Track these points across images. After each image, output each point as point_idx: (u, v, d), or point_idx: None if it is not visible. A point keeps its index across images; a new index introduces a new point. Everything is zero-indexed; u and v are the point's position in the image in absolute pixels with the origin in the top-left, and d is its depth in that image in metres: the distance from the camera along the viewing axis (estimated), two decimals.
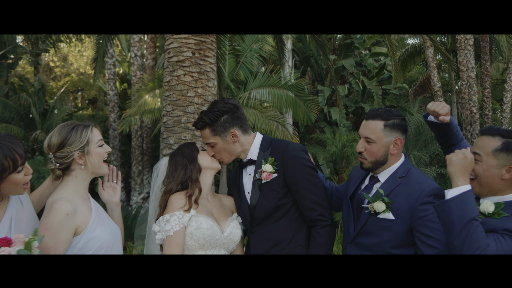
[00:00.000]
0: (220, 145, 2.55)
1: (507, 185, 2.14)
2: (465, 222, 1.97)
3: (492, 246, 1.96)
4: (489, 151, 2.13)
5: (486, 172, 2.14)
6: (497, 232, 2.03)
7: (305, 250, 2.52)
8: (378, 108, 2.56)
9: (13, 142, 2.13)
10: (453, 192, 2.05)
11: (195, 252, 2.37)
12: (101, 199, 2.50)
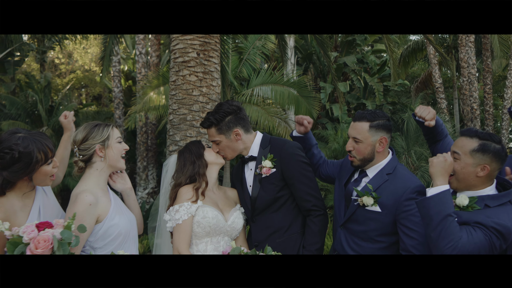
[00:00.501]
0: (224, 142, 2.83)
1: (481, 182, 2.40)
2: (441, 218, 2.23)
3: (464, 238, 2.22)
4: (467, 151, 2.38)
5: (464, 170, 2.40)
6: (470, 224, 2.29)
7: (300, 237, 2.81)
8: (364, 110, 2.83)
9: (44, 137, 2.42)
10: (432, 191, 2.31)
11: (202, 239, 2.66)
12: (116, 189, 2.78)
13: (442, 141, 2.87)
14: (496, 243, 2.24)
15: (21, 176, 2.34)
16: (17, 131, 2.41)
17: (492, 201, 2.34)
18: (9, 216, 2.28)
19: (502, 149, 2.35)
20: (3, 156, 2.29)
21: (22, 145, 2.30)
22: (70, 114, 3.06)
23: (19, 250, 1.95)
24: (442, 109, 16.36)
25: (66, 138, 2.99)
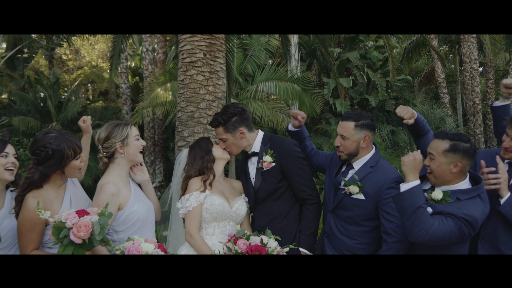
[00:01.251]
0: (230, 140, 3.21)
1: (455, 177, 2.76)
2: (414, 209, 2.60)
3: (436, 225, 2.59)
4: (440, 151, 2.74)
5: (439, 168, 2.76)
6: (443, 214, 2.66)
7: (297, 222, 3.19)
8: (352, 111, 3.21)
9: (72, 136, 2.80)
10: (405, 187, 2.68)
11: (210, 223, 3.04)
12: (136, 181, 3.17)
13: (425, 136, 3.23)
14: (465, 231, 2.61)
15: (54, 170, 2.73)
16: (49, 131, 2.79)
17: (463, 195, 2.71)
18: (46, 205, 2.67)
19: (470, 147, 2.71)
20: (38, 153, 2.68)
21: (54, 143, 2.69)
22: (88, 118, 3.44)
23: (63, 233, 2.33)
24: (445, 104, 16.66)
25: (86, 139, 3.37)
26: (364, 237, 3.02)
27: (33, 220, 2.58)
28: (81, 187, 3.03)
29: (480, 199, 2.71)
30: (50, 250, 2.69)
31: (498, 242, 2.94)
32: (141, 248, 2.40)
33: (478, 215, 2.63)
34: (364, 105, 16.52)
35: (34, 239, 2.64)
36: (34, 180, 2.69)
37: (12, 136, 15.02)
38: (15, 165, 2.97)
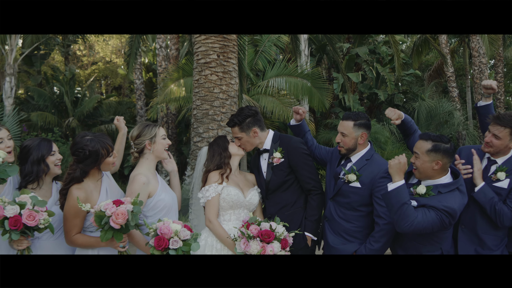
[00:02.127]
0: (245, 138, 3.67)
1: (437, 173, 3.19)
2: (399, 206, 3.04)
3: (419, 218, 3.03)
4: (424, 151, 3.17)
5: (422, 165, 3.19)
6: (426, 207, 3.10)
7: (303, 210, 3.65)
8: (351, 112, 3.67)
9: (105, 137, 3.27)
10: (391, 186, 3.11)
11: (227, 211, 3.49)
12: (166, 169, 3.67)
13: (412, 135, 3.66)
14: (445, 220, 3.05)
15: (92, 167, 3.20)
16: (85, 134, 3.26)
17: (444, 189, 3.15)
18: (88, 196, 3.14)
19: (450, 147, 3.13)
20: (78, 154, 3.16)
21: (91, 145, 3.16)
22: (121, 118, 3.91)
23: (104, 221, 2.81)
24: (454, 98, 16.93)
25: (121, 136, 3.84)
26: (360, 221, 3.48)
27: (76, 208, 3.05)
28: (113, 179, 3.50)
29: (459, 191, 3.14)
30: (91, 234, 3.17)
31: (476, 226, 3.39)
32: (170, 227, 2.88)
33: (456, 206, 3.07)
34: (373, 99, 16.87)
35: (77, 224, 3.12)
36: (75, 176, 3.17)
37: (30, 130, 15.60)
38: (60, 160, 3.46)
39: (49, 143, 3.40)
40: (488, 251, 3.36)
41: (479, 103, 3.90)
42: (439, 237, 3.26)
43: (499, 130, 3.33)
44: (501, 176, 3.35)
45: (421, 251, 3.31)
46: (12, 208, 2.87)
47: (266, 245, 3.10)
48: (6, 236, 2.89)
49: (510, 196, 3.30)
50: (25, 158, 3.34)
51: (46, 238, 3.26)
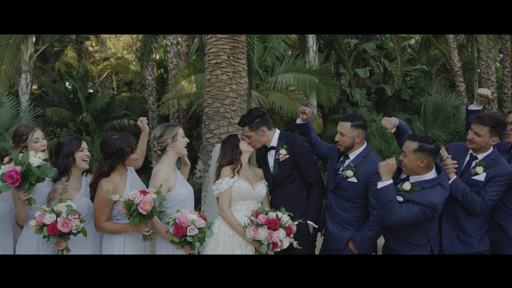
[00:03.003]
0: (254, 137, 4.09)
1: (423, 170, 3.59)
2: (386, 202, 3.47)
3: (404, 212, 3.45)
4: (411, 150, 3.58)
5: (410, 163, 3.60)
6: (410, 202, 3.52)
7: (306, 202, 4.07)
8: (349, 114, 4.07)
9: (130, 137, 3.71)
10: (380, 185, 3.53)
11: (238, 201, 3.91)
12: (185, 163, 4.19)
13: (404, 135, 4.05)
14: (428, 213, 3.47)
15: (118, 163, 3.65)
16: (112, 134, 3.70)
17: (427, 184, 3.57)
18: (115, 188, 3.58)
19: (434, 147, 3.53)
20: (106, 151, 3.61)
21: (117, 143, 3.61)
22: (144, 119, 4.33)
23: (133, 208, 3.26)
24: (461, 92, 17.20)
25: (143, 136, 4.27)
26: (356, 211, 3.91)
27: (106, 199, 3.50)
28: (136, 174, 3.95)
29: (440, 186, 3.56)
30: (118, 221, 3.61)
31: (457, 215, 3.81)
32: (187, 217, 3.33)
33: (438, 200, 3.48)
34: (380, 94, 17.20)
35: (106, 213, 3.57)
36: (103, 170, 3.62)
37: (46, 126, 16.15)
38: (89, 156, 3.90)
39: (79, 141, 3.84)
40: (468, 237, 3.77)
41: (470, 107, 4.29)
42: (426, 227, 3.68)
43: (479, 128, 3.74)
44: (479, 170, 3.76)
45: (410, 239, 3.72)
46: (50, 216, 3.28)
47: (273, 232, 3.55)
48: (45, 240, 3.32)
49: (485, 187, 3.71)
50: (58, 152, 3.78)
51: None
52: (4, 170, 3.31)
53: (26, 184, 3.33)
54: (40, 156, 3.46)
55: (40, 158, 3.44)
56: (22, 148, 3.83)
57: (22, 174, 3.30)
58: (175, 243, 3.35)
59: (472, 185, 3.76)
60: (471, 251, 3.77)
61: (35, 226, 3.30)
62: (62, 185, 3.65)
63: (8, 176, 3.25)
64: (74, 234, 3.34)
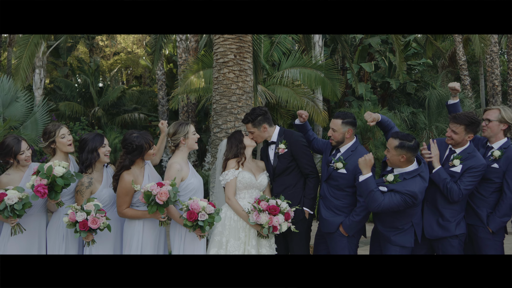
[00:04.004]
0: (256, 133, 4.63)
1: (404, 163, 4.11)
2: (368, 192, 4.03)
3: (386, 200, 4.00)
4: (392, 147, 4.10)
5: (392, 158, 4.13)
6: (393, 191, 4.05)
7: (302, 190, 4.61)
8: (340, 112, 4.59)
9: (148, 135, 4.26)
10: (361, 178, 4.09)
11: (242, 190, 4.44)
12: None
13: (390, 131, 4.56)
14: (408, 201, 4.01)
15: (137, 157, 4.20)
16: (133, 132, 4.24)
17: (408, 176, 4.10)
18: (135, 179, 4.12)
19: (413, 144, 4.05)
20: (127, 147, 4.16)
21: (137, 140, 4.16)
22: (165, 122, 4.86)
23: (151, 198, 3.81)
24: (466, 86, 17.58)
25: (162, 136, 4.80)
26: (346, 199, 4.44)
27: (127, 189, 4.07)
28: (153, 167, 4.51)
29: (420, 177, 4.08)
30: (137, 208, 4.18)
31: (437, 202, 4.32)
32: (199, 204, 3.88)
33: (417, 189, 4.01)
34: (386, 87, 17.64)
35: (127, 201, 4.13)
36: (125, 164, 4.18)
37: (59, 119, 16.78)
38: (109, 151, 4.45)
39: (102, 137, 4.38)
40: (446, 222, 4.28)
41: (449, 101, 4.82)
42: (409, 213, 4.21)
43: (455, 127, 4.26)
44: (456, 163, 4.28)
45: (396, 224, 4.25)
46: (81, 214, 3.81)
47: (273, 217, 4.11)
48: (78, 235, 3.84)
49: (461, 178, 4.23)
50: (82, 148, 4.30)
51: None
52: (33, 182, 3.83)
53: (52, 194, 3.86)
54: (63, 165, 3.94)
55: (63, 167, 3.92)
56: (51, 144, 4.34)
57: (48, 186, 3.82)
58: (188, 227, 3.90)
59: (450, 175, 4.28)
60: (448, 234, 4.28)
61: (67, 222, 3.82)
62: (88, 179, 4.19)
63: (36, 191, 3.78)
64: (101, 229, 3.88)
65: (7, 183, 4.03)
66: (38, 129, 12.45)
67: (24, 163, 4.17)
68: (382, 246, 4.37)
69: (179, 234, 4.26)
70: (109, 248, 4.15)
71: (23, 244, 4.05)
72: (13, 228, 3.91)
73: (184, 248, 4.17)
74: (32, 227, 4.11)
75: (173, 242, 4.25)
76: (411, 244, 4.26)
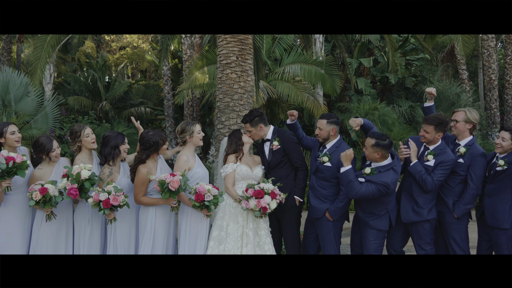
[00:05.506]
0: (253, 131, 5.35)
1: (379, 159, 4.83)
2: (347, 182, 4.76)
3: (363, 189, 4.72)
4: (369, 145, 4.82)
5: (369, 154, 4.85)
6: (369, 182, 4.76)
7: (293, 181, 5.33)
8: (325, 113, 5.31)
9: (162, 133, 4.99)
10: (342, 170, 4.82)
11: (240, 181, 5.12)
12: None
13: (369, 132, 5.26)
14: (382, 190, 4.73)
15: (153, 152, 4.92)
16: (149, 131, 4.96)
17: (383, 169, 4.81)
18: (150, 171, 4.84)
19: (387, 143, 4.75)
20: (144, 144, 4.88)
21: (153, 138, 4.89)
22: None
23: (165, 186, 4.53)
24: (463, 80, 18.21)
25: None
26: (332, 189, 5.16)
27: (143, 179, 4.80)
28: (164, 160, 5.26)
29: (393, 170, 4.80)
30: (151, 196, 4.90)
31: (412, 191, 5.03)
32: (205, 187, 4.62)
33: (389, 180, 4.73)
34: (385, 82, 18.28)
35: (143, 190, 4.86)
36: (142, 158, 4.91)
37: (68, 113, 17.56)
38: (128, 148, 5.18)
39: (123, 136, 5.09)
40: (420, 208, 4.99)
41: (424, 104, 5.53)
42: (384, 201, 4.94)
43: (427, 127, 4.98)
44: (430, 158, 4.99)
45: (373, 210, 4.98)
46: (104, 194, 4.53)
47: (260, 199, 4.79)
48: (102, 212, 4.54)
49: (434, 171, 4.94)
50: (106, 143, 5.00)
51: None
52: (64, 185, 4.57)
53: (82, 194, 4.62)
54: (88, 168, 4.66)
55: (88, 170, 4.65)
56: (77, 142, 5.06)
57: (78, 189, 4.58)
58: (196, 207, 4.64)
59: (425, 169, 5.00)
60: (422, 219, 4.99)
61: (92, 203, 4.57)
62: (109, 169, 4.94)
63: (69, 194, 4.54)
64: (120, 206, 4.62)
65: (40, 177, 4.77)
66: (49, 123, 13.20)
67: (54, 159, 4.90)
68: (362, 229, 5.10)
69: (186, 218, 4.97)
70: (128, 229, 4.89)
71: (54, 228, 4.80)
72: (47, 215, 4.66)
73: (190, 228, 4.90)
74: (61, 214, 4.86)
75: (180, 225, 4.98)
76: (386, 228, 4.99)
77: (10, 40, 18.91)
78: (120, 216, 4.80)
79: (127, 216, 4.93)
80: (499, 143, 4.94)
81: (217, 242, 4.86)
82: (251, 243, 4.86)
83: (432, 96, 5.45)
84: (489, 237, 5.04)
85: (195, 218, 4.90)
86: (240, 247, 4.86)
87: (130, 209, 4.88)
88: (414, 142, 5.20)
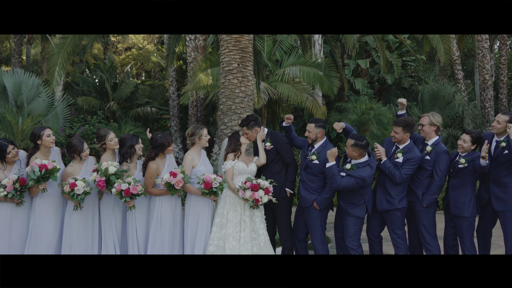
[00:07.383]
0: (250, 134, 6.21)
1: (358, 157, 5.69)
2: (331, 176, 5.64)
3: (344, 182, 5.60)
4: (349, 145, 5.69)
5: (350, 153, 5.72)
6: (350, 176, 5.64)
7: (284, 176, 6.22)
8: (314, 118, 6.20)
9: (168, 135, 5.92)
10: (327, 165, 5.69)
11: (238, 176, 5.96)
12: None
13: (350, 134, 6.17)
14: (360, 183, 5.60)
15: (160, 151, 5.80)
16: (158, 134, 5.83)
17: (360, 165, 5.69)
18: (158, 167, 5.72)
19: (364, 144, 5.62)
20: (153, 144, 5.75)
21: (160, 140, 5.78)
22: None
23: (170, 186, 5.47)
24: (459, 80, 19.04)
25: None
26: (319, 182, 6.02)
27: (152, 174, 5.68)
28: (173, 158, 6.18)
29: (369, 166, 5.70)
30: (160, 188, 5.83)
31: (385, 184, 5.92)
32: (211, 176, 5.53)
33: (366, 174, 5.62)
34: (382, 82, 19.15)
35: (152, 183, 5.73)
36: (151, 156, 5.81)
37: (77, 113, 18.50)
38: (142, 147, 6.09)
39: (137, 137, 5.99)
40: (392, 199, 5.87)
41: (398, 113, 6.46)
42: (361, 192, 5.83)
43: (396, 128, 5.89)
44: (399, 155, 5.90)
45: (352, 200, 5.87)
46: (124, 184, 5.43)
47: (255, 192, 5.69)
48: (123, 200, 5.43)
49: (402, 166, 5.83)
50: (123, 144, 5.90)
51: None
52: (94, 177, 5.46)
53: (109, 186, 5.50)
54: (114, 165, 5.55)
55: (115, 166, 5.53)
56: (102, 145, 5.95)
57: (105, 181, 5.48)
58: (205, 194, 5.55)
59: (394, 165, 5.89)
60: (393, 208, 5.85)
61: (115, 192, 5.48)
62: (127, 166, 5.87)
63: (98, 185, 5.44)
64: (139, 195, 5.55)
65: (72, 173, 5.67)
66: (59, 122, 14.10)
67: (84, 158, 5.84)
68: (343, 217, 6.01)
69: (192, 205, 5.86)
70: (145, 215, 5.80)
71: (83, 216, 5.72)
72: (75, 206, 5.60)
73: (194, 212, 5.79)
74: (88, 204, 5.79)
75: (187, 210, 5.86)
76: (363, 215, 5.91)
77: (21, 43, 19.87)
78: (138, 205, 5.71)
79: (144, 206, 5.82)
80: (460, 144, 5.85)
81: (219, 227, 5.77)
82: (248, 228, 5.78)
83: (404, 106, 6.37)
84: (453, 223, 5.94)
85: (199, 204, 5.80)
86: (239, 231, 5.77)
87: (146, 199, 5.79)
88: (388, 142, 6.11)
